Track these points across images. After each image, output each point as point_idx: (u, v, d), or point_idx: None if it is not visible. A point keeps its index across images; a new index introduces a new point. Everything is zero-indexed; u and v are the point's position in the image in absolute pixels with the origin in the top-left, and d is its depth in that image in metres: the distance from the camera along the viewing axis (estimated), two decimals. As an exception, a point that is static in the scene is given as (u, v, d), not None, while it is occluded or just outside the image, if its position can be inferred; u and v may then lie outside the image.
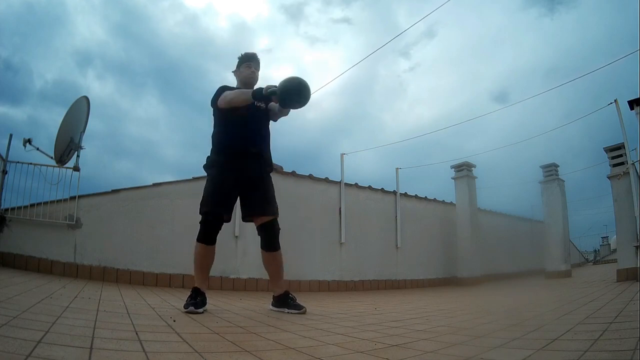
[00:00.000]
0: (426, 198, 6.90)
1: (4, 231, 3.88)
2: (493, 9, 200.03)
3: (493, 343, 1.37)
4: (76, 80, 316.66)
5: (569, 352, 1.17)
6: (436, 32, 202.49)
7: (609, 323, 1.64)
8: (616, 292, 3.17)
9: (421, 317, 2.24)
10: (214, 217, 2.16)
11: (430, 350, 1.28)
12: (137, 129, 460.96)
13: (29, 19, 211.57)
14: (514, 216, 9.36)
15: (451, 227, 7.07)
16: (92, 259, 3.94)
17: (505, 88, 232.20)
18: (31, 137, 4.12)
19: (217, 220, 2.17)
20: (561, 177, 7.15)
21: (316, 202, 5.20)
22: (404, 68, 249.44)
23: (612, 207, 5.10)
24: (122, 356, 1.01)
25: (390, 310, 2.73)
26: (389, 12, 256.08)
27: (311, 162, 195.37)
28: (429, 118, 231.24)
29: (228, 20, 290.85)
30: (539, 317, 2.10)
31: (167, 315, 1.83)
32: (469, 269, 6.66)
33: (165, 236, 4.18)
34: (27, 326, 1.22)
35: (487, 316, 2.32)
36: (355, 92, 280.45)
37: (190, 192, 4.28)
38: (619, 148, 5.10)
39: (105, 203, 4.19)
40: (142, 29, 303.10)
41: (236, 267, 4.37)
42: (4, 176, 4.04)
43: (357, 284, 5.32)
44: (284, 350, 1.24)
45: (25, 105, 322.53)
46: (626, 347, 1.18)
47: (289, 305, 2.24)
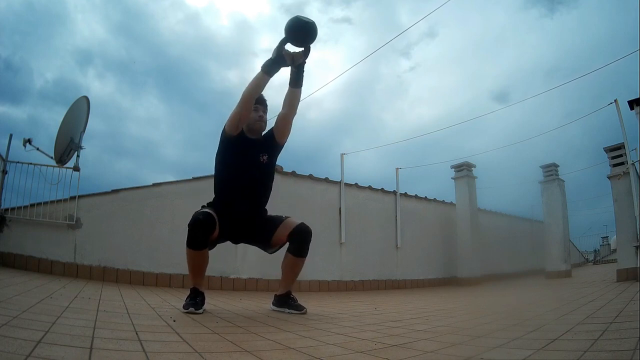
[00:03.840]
0: (426, 198, 6.90)
1: (4, 231, 3.88)
2: (494, 9, 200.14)
3: (493, 343, 1.37)
4: (76, 79, 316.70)
5: (569, 352, 1.17)
6: (437, 32, 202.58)
7: (609, 323, 1.64)
8: (616, 292, 3.17)
9: (421, 317, 2.24)
10: (204, 216, 1.97)
11: (430, 350, 1.28)
12: (138, 128, 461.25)
13: (29, 17, 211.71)
14: (514, 216, 9.36)
15: (451, 227, 7.08)
16: (92, 259, 3.94)
17: (506, 88, 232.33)
18: (31, 136, 4.14)
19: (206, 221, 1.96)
20: (561, 177, 7.16)
21: (316, 202, 5.20)
22: (405, 68, 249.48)
23: (612, 207, 5.10)
24: (122, 356, 1.01)
25: (390, 310, 2.73)
26: (390, 12, 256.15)
27: (311, 162, 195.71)
28: (429, 118, 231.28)
29: (229, 19, 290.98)
30: (539, 317, 2.09)
31: (167, 315, 1.83)
32: (469, 269, 6.66)
33: (165, 236, 4.18)
34: (27, 326, 1.22)
35: (487, 316, 2.32)
36: (356, 91, 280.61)
37: (190, 192, 4.28)
38: (619, 148, 5.10)
39: (105, 203, 4.19)
40: (143, 28, 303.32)
41: (236, 267, 4.37)
42: (4, 176, 4.04)
43: (357, 284, 5.32)
44: (284, 350, 1.24)
45: (26, 105, 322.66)
46: (626, 347, 1.18)
47: (290, 306, 2.24)
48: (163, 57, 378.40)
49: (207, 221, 1.97)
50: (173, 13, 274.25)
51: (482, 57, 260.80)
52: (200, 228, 1.95)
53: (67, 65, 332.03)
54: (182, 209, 4.22)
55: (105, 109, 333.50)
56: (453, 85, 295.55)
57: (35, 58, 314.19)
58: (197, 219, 1.96)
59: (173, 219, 4.24)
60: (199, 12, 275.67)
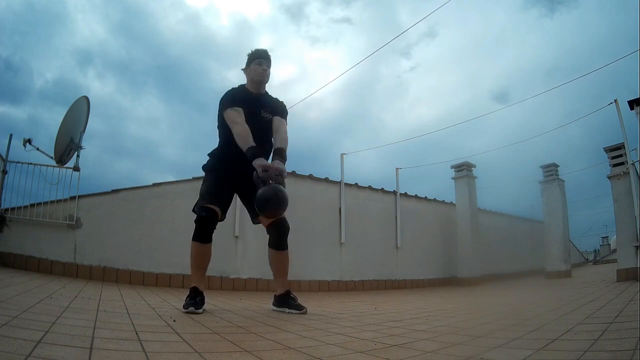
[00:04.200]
0: (426, 198, 6.90)
1: (4, 231, 3.88)
2: (494, 9, 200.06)
3: (493, 343, 1.37)
4: (76, 79, 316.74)
5: (569, 352, 1.17)
6: (437, 32, 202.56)
7: (609, 323, 1.64)
8: (616, 292, 3.17)
9: (421, 317, 2.24)
10: (207, 213, 2.09)
11: (430, 350, 1.28)
12: (138, 128, 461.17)
13: (29, 17, 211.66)
14: (514, 216, 9.36)
15: (451, 227, 7.07)
16: (92, 259, 3.94)
17: (506, 88, 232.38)
18: (31, 136, 4.13)
19: (211, 217, 2.10)
20: (561, 177, 7.15)
21: (316, 202, 5.20)
22: (405, 68, 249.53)
23: (612, 207, 5.10)
24: (122, 356, 1.01)
25: (390, 310, 2.73)
26: (390, 12, 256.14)
27: (311, 162, 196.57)
28: (429, 118, 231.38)
29: (229, 19, 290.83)
30: (539, 317, 2.09)
31: (167, 315, 1.83)
32: (469, 269, 6.66)
33: (165, 236, 4.18)
34: (27, 326, 1.22)
35: (487, 316, 2.32)
36: (356, 91, 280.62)
37: (190, 192, 4.28)
38: (619, 148, 5.10)
39: (105, 203, 4.19)
40: (143, 27, 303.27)
41: (236, 267, 4.38)
42: (4, 176, 4.04)
43: (357, 284, 5.32)
44: (284, 350, 1.24)
45: (26, 105, 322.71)
46: (626, 347, 1.18)
47: (290, 305, 2.24)
48: (163, 56, 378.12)
49: (211, 215, 2.10)
50: (173, 13, 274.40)
51: (482, 57, 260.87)
52: (205, 224, 2.10)
53: (67, 65, 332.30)
54: (182, 209, 4.22)
55: (105, 109, 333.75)
56: (453, 85, 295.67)
57: (35, 58, 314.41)
58: (201, 217, 2.09)
59: (173, 219, 4.24)
60: (199, 11, 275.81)
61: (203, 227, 2.10)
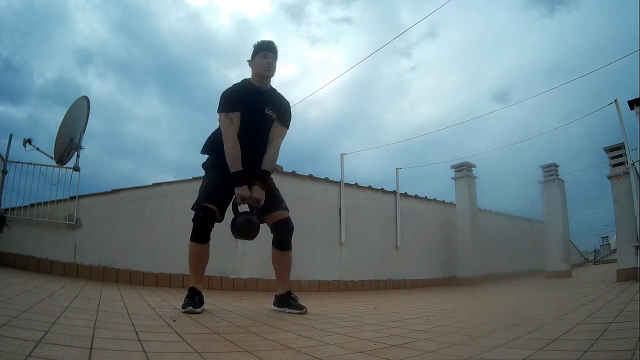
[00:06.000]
0: (426, 198, 6.90)
1: (4, 231, 3.88)
2: (494, 9, 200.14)
3: (493, 343, 1.37)
4: (76, 79, 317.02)
5: (569, 352, 1.17)
6: (438, 32, 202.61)
7: (609, 323, 1.64)
8: (616, 292, 3.17)
9: (421, 317, 2.24)
10: (205, 212, 2.07)
11: (430, 350, 1.28)
12: (138, 128, 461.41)
13: (29, 17, 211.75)
14: (514, 216, 9.36)
15: (451, 227, 7.07)
16: (92, 259, 3.94)
17: (506, 88, 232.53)
18: (31, 136, 4.13)
19: (208, 217, 2.08)
20: (561, 177, 7.16)
21: (316, 202, 5.19)
22: (406, 68, 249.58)
23: (612, 207, 5.10)
24: (122, 356, 1.01)
25: (390, 310, 2.73)
26: (391, 11, 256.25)
27: (311, 162, 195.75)
28: (429, 118, 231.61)
29: (230, 18, 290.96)
30: (539, 317, 2.09)
31: (167, 315, 1.83)
32: (469, 269, 6.66)
33: (165, 236, 4.18)
34: (27, 326, 1.22)
35: (487, 316, 2.32)
36: (357, 91, 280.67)
37: (190, 192, 4.27)
38: (619, 148, 5.10)
39: (105, 203, 4.19)
40: (143, 27, 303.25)
41: (236, 267, 4.37)
42: (4, 176, 4.04)
43: (357, 284, 5.32)
44: (284, 350, 1.24)
45: (26, 105, 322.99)
46: (626, 347, 1.18)
47: (290, 305, 2.24)
48: (163, 56, 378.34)
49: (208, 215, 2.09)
50: (174, 12, 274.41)
51: (482, 57, 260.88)
52: (203, 223, 2.09)
53: (67, 64, 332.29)
54: (182, 209, 4.21)
55: (105, 108, 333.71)
56: (453, 85, 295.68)
57: (35, 58, 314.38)
58: (199, 216, 2.08)
59: (173, 219, 4.23)
60: (200, 11, 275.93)
61: (200, 226, 2.09)
